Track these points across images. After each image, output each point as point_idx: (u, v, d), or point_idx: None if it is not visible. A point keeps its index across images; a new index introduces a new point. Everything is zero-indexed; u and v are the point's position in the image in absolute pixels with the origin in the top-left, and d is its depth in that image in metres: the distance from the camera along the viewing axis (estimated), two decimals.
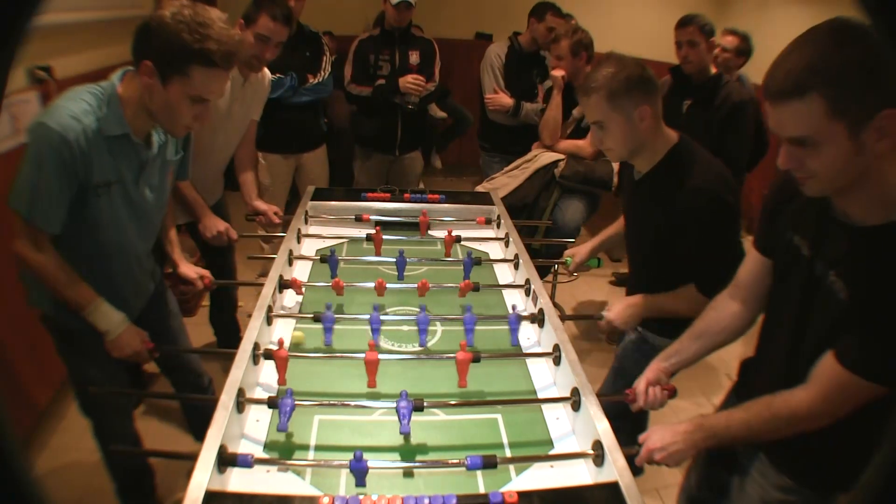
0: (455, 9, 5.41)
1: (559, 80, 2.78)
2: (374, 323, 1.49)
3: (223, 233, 2.03)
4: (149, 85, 1.30)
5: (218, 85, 1.35)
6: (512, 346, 1.57)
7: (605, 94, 1.44)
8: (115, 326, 1.45)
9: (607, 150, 1.58)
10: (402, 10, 2.97)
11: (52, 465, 2.18)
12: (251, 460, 1.07)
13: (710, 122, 2.55)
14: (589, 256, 2.00)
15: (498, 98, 3.15)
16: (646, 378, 1.35)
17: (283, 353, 1.31)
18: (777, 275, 1.22)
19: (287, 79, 2.76)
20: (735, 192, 1.48)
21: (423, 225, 2.14)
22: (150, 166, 1.48)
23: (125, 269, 1.54)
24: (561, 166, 2.82)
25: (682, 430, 1.15)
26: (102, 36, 2.78)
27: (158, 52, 1.26)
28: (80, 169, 1.31)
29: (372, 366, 1.32)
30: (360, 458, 1.06)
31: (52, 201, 1.30)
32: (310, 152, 3.07)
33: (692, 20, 2.61)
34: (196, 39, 1.24)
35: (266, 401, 1.21)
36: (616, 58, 1.49)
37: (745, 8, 5.11)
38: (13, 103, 2.11)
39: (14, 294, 2.14)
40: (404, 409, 1.19)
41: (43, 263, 1.36)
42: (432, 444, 1.24)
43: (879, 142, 0.88)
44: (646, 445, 1.18)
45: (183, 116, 1.35)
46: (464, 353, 1.34)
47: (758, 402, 1.09)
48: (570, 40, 2.72)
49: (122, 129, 1.35)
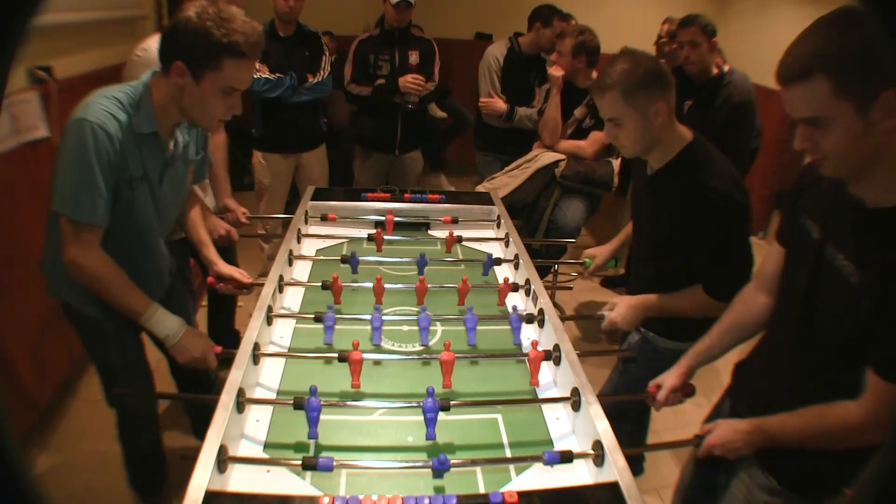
0: (455, 9, 5.41)
1: (558, 79, 2.77)
2: (376, 322, 1.49)
3: (224, 236, 2.03)
4: (181, 84, 1.35)
5: (248, 74, 1.41)
6: (514, 346, 1.57)
7: (621, 90, 1.43)
8: (175, 331, 1.46)
9: (621, 147, 1.57)
10: (401, 10, 2.97)
11: (53, 464, 2.18)
12: (332, 464, 1.07)
13: (711, 122, 2.56)
14: (609, 258, 1.99)
15: (492, 103, 3.15)
16: (670, 386, 1.39)
17: (357, 355, 1.31)
18: (786, 264, 1.23)
19: (287, 78, 2.77)
20: (747, 195, 1.47)
21: (389, 224, 2.13)
22: (173, 164, 1.53)
23: (149, 263, 1.57)
24: (561, 166, 2.82)
25: (742, 429, 1.18)
26: (102, 36, 2.78)
27: (189, 51, 1.32)
28: (118, 163, 1.36)
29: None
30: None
31: (98, 195, 1.34)
32: (309, 152, 3.08)
33: (694, 21, 2.62)
34: (224, 34, 1.30)
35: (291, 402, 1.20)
36: (630, 53, 1.48)
37: (745, 8, 5.12)
38: (13, 103, 2.11)
39: (14, 294, 2.15)
40: (431, 410, 1.17)
41: (98, 268, 1.38)
42: (432, 445, 1.24)
43: (887, 119, 0.90)
44: (708, 440, 1.22)
45: (217, 109, 1.40)
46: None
47: (811, 411, 1.08)
48: (574, 39, 2.71)
49: (152, 128, 1.41)
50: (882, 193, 0.98)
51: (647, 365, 1.67)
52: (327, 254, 2.06)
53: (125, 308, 1.43)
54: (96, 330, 1.56)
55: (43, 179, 2.31)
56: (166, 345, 1.47)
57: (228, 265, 1.78)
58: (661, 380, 1.44)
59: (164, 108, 1.42)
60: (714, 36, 2.64)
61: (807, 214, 1.15)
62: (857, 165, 0.98)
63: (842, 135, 0.94)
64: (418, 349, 1.54)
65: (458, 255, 2.11)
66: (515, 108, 3.11)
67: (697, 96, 2.68)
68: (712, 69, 2.70)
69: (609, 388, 1.90)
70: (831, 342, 1.07)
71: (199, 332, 1.52)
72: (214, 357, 1.50)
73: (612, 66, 1.46)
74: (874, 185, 0.99)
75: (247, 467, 1.12)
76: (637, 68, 1.43)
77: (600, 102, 1.51)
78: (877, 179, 0.98)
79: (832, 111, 0.92)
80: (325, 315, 1.51)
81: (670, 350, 1.65)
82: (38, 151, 2.26)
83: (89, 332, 1.59)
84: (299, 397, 1.20)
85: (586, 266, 2.01)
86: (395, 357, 1.48)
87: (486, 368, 1.49)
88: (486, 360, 1.50)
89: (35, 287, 1.70)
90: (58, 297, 1.56)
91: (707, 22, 2.61)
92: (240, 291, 1.79)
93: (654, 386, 1.45)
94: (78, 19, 2.48)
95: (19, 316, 2.19)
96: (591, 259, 2.00)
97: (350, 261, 1.83)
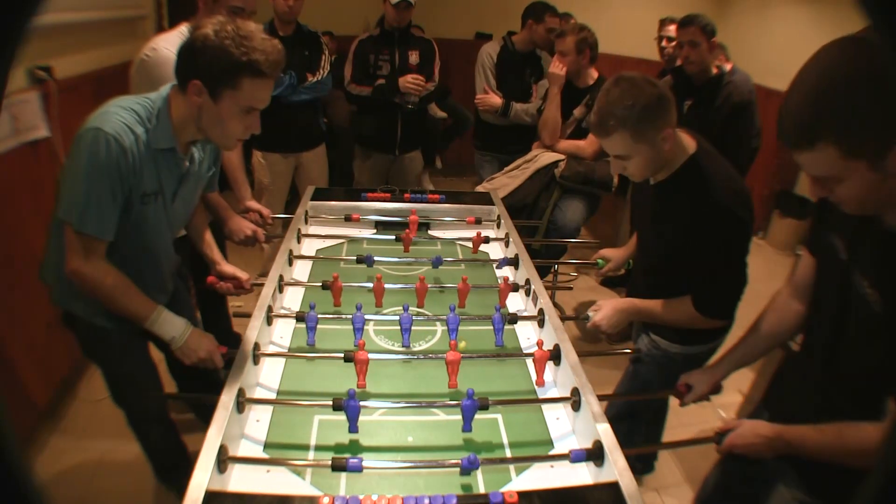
0: (455, 9, 5.41)
1: (560, 78, 2.77)
2: (357, 322, 1.49)
3: (251, 237, 2.01)
4: (198, 103, 1.33)
5: (266, 93, 1.37)
6: (497, 346, 1.56)
7: (629, 130, 1.36)
8: (180, 332, 1.45)
9: (630, 175, 1.51)
10: (401, 10, 2.97)
11: (53, 465, 2.18)
12: (361, 465, 1.07)
13: (710, 122, 2.56)
14: (623, 263, 1.99)
15: (487, 98, 3.17)
16: (701, 392, 1.44)
17: (363, 355, 1.31)
18: (818, 273, 1.22)
19: (286, 77, 2.76)
20: (750, 208, 1.43)
21: (413, 224, 2.12)
22: (187, 181, 1.51)
23: (154, 273, 1.56)
24: (561, 167, 2.83)
25: (763, 433, 1.19)
26: (102, 36, 2.78)
27: (207, 70, 1.28)
28: (131, 177, 1.33)
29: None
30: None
31: (106, 208, 1.31)
32: (309, 151, 3.08)
33: (693, 20, 2.61)
34: (243, 52, 1.27)
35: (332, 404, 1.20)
36: (627, 82, 1.37)
37: (745, 8, 5.12)
38: (13, 103, 2.11)
39: (14, 294, 2.15)
40: (468, 407, 1.19)
41: (101, 278, 1.36)
42: (432, 445, 1.24)
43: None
44: (730, 439, 1.23)
45: (235, 129, 1.37)
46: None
47: (831, 428, 1.08)
48: (575, 37, 2.71)
49: (169, 143, 1.38)
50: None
51: (657, 369, 1.67)
52: (327, 254, 2.07)
53: (130, 313, 1.42)
54: (103, 339, 1.55)
55: (43, 179, 2.32)
56: (172, 347, 1.46)
57: (231, 265, 1.77)
58: (692, 381, 1.46)
59: (182, 125, 1.39)
60: (714, 36, 2.63)
61: (833, 231, 1.12)
62: (879, 204, 0.95)
63: (857, 186, 0.90)
64: (419, 349, 1.54)
65: (458, 255, 2.11)
66: (511, 103, 3.12)
67: (697, 96, 2.68)
68: (712, 69, 2.70)
69: (620, 391, 1.90)
70: (859, 362, 1.07)
71: (204, 333, 1.50)
72: (220, 357, 1.49)
73: (612, 103, 1.36)
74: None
75: (247, 467, 1.12)
76: (639, 101, 1.34)
77: (606, 142, 1.43)
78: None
79: (844, 171, 0.89)
80: (307, 315, 1.50)
81: (682, 355, 1.65)
82: (38, 151, 2.26)
83: (95, 342, 1.58)
84: (338, 398, 1.19)
85: (599, 267, 2.01)
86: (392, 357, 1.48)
87: (486, 368, 1.49)
88: (485, 360, 1.50)
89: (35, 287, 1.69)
90: (62, 306, 1.54)
91: (707, 22, 2.60)
92: (240, 291, 1.79)
93: (683, 385, 1.46)
94: (78, 19, 2.48)
95: (19, 316, 2.19)
96: (604, 260, 1.99)
97: (366, 260, 1.84)
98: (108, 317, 1.47)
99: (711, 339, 1.64)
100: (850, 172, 0.88)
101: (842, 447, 1.06)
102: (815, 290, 1.23)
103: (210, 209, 2.00)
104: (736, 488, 1.44)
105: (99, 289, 1.37)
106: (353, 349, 1.34)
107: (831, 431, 1.08)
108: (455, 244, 2.20)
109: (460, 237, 2.24)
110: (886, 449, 0.54)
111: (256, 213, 2.21)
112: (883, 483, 0.39)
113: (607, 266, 1.99)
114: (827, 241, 1.14)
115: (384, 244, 2.12)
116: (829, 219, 1.15)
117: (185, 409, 2.35)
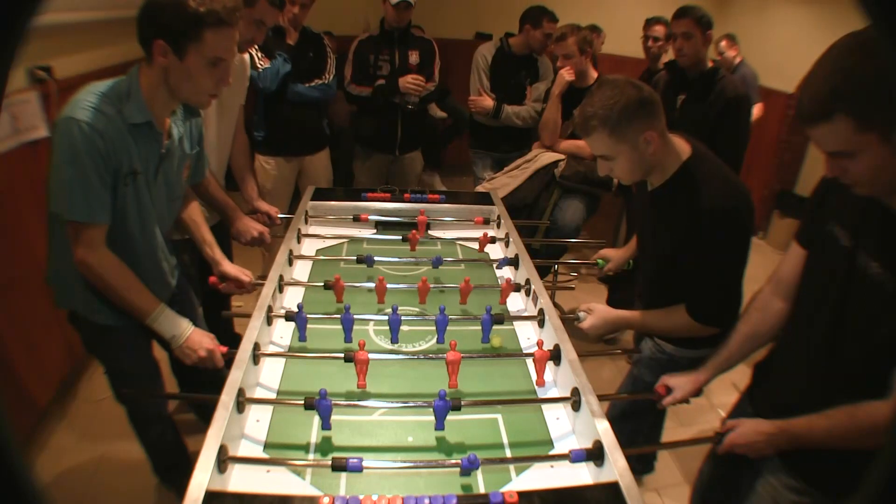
0: (455, 9, 5.42)
1: (567, 83, 2.77)
2: (347, 323, 1.49)
3: (258, 237, 2.01)
4: (164, 64, 1.34)
5: (231, 42, 1.39)
6: (482, 343, 1.57)
7: (608, 130, 1.37)
8: (181, 332, 1.46)
9: (617, 177, 1.52)
10: (401, 10, 2.97)
11: (53, 465, 2.18)
12: (361, 465, 1.07)
13: (704, 117, 2.51)
14: (624, 264, 1.99)
15: (480, 100, 3.20)
16: (683, 395, 1.43)
17: (363, 355, 1.31)
18: (809, 266, 1.23)
19: (277, 60, 2.71)
20: (748, 213, 1.42)
21: (422, 225, 2.14)
22: (168, 158, 1.51)
23: (150, 262, 1.55)
24: (561, 166, 2.83)
25: (765, 430, 1.20)
26: (102, 36, 2.78)
27: (169, 27, 1.30)
28: (112, 158, 1.34)
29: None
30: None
31: (95, 192, 1.33)
32: (313, 155, 3.06)
33: (688, 12, 2.54)
34: (201, 3, 1.29)
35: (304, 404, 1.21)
36: (610, 85, 1.38)
37: (745, 8, 5.12)
38: (13, 103, 2.11)
39: (14, 294, 2.15)
40: (440, 408, 1.20)
41: (105, 266, 1.38)
42: (432, 445, 1.24)
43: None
44: (730, 438, 1.24)
45: (206, 83, 1.39)
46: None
47: (840, 412, 1.08)
48: (576, 37, 2.71)
49: (145, 117, 1.39)
50: None
51: (661, 372, 1.67)
52: (327, 254, 2.07)
53: (132, 308, 1.43)
54: (107, 337, 1.55)
55: (43, 179, 2.31)
56: (172, 345, 1.47)
57: (234, 265, 1.77)
58: (672, 383, 1.45)
59: (154, 95, 1.39)
60: (710, 28, 2.54)
61: (834, 221, 1.14)
62: (890, 183, 0.99)
63: (870, 162, 0.95)
64: (419, 349, 1.54)
65: (458, 256, 2.11)
66: (503, 106, 3.15)
67: (690, 91, 2.63)
68: (706, 62, 2.62)
69: (623, 392, 1.89)
70: (862, 347, 1.07)
71: (205, 333, 1.51)
72: (221, 357, 1.49)
73: (593, 103, 1.38)
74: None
75: (247, 467, 1.12)
76: (619, 101, 1.34)
77: (588, 142, 1.45)
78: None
79: (858, 145, 0.94)
80: (296, 314, 1.50)
81: (686, 358, 1.64)
82: (38, 151, 2.26)
83: (99, 339, 1.58)
84: (310, 397, 1.20)
85: (599, 267, 2.01)
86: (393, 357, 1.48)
87: (486, 368, 1.48)
88: (486, 360, 1.50)
89: (35, 287, 1.70)
90: (66, 307, 1.54)
91: (702, 14, 2.51)
92: (241, 291, 1.79)
93: (662, 387, 1.46)
94: (78, 19, 2.48)
95: (19, 316, 2.19)
96: (604, 260, 1.99)
97: (366, 260, 1.84)
98: (110, 314, 1.48)
99: (716, 343, 1.64)
100: (864, 146, 0.93)
101: (856, 429, 1.06)
102: (807, 282, 1.23)
103: (217, 209, 2.00)
104: (728, 476, 1.45)
105: (103, 278, 1.39)
106: (353, 349, 1.34)
107: (841, 415, 1.08)
108: (455, 244, 2.20)
109: (460, 237, 2.24)
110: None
111: (265, 214, 2.22)
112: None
113: (607, 266, 1.99)
114: (825, 232, 1.16)
115: (384, 244, 2.12)
116: (828, 209, 1.17)
117: (186, 409, 2.35)
